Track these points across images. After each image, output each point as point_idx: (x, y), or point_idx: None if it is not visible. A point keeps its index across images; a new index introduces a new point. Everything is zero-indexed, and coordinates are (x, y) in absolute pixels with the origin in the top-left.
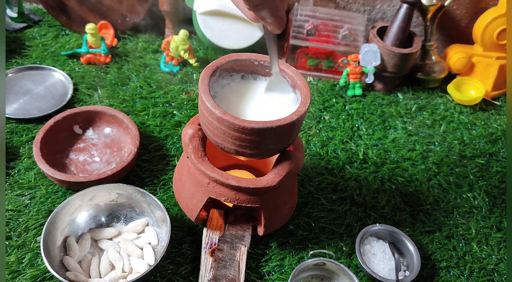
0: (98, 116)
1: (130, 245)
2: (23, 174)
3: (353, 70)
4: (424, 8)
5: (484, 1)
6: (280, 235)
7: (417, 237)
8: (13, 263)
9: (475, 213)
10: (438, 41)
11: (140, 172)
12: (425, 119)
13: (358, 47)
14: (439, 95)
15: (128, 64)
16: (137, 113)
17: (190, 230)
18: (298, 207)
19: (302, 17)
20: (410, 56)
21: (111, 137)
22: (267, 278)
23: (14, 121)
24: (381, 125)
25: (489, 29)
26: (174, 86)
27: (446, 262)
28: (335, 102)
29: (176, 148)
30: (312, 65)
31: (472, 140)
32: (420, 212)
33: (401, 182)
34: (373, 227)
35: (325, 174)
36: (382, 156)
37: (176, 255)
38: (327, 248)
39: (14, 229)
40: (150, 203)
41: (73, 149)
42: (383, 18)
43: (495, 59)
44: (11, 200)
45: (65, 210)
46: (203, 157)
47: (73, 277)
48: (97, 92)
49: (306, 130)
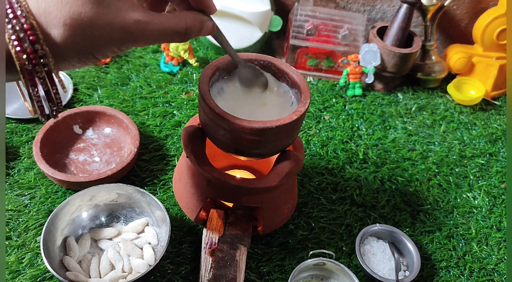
0: (98, 116)
1: (130, 245)
2: (23, 174)
3: (353, 70)
4: (424, 8)
5: (484, 1)
6: (280, 235)
7: (417, 237)
8: (13, 263)
9: (475, 213)
10: (438, 41)
11: (140, 172)
12: (425, 119)
13: (358, 47)
14: (439, 95)
15: (128, 64)
16: (137, 113)
17: (190, 230)
18: (298, 207)
19: (302, 17)
20: (410, 56)
21: (111, 137)
22: (267, 278)
23: (14, 121)
24: (381, 125)
25: (489, 29)
26: (174, 86)
27: (446, 262)
28: (335, 102)
29: (176, 148)
30: (312, 65)
31: (472, 140)
32: (420, 212)
33: (401, 182)
34: (373, 227)
35: (325, 174)
36: (382, 156)
37: (176, 255)
38: (327, 248)
39: (14, 229)
40: (150, 203)
41: (73, 149)
42: (383, 18)
43: (495, 59)
44: (11, 200)
45: (65, 210)
46: (203, 157)
47: (73, 277)
48: (97, 92)
49: (306, 130)
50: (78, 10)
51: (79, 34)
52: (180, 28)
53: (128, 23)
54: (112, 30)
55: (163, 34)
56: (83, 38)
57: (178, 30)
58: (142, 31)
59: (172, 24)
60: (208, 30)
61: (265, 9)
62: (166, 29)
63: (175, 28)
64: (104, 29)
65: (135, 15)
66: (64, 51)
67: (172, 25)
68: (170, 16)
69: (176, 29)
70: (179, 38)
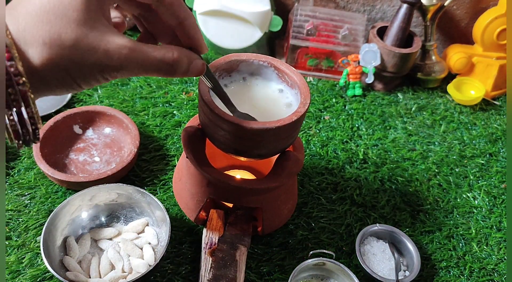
0: (98, 116)
1: (130, 245)
2: (23, 174)
3: (353, 70)
4: (424, 8)
5: (484, 1)
6: (280, 235)
7: (417, 237)
8: (13, 263)
9: (475, 213)
10: (438, 41)
11: (140, 172)
12: (425, 119)
13: (358, 47)
14: (439, 95)
15: None
16: (137, 113)
17: (190, 230)
18: (298, 207)
19: (302, 17)
20: (410, 56)
21: (111, 137)
22: (267, 278)
23: None
24: (381, 125)
25: (489, 29)
26: (174, 86)
27: (446, 262)
28: (335, 102)
29: (176, 148)
30: (312, 65)
31: (472, 140)
32: (420, 212)
33: (401, 182)
34: (373, 227)
35: (325, 174)
36: (382, 156)
37: (176, 255)
38: (327, 248)
39: (14, 229)
40: (150, 203)
41: (73, 149)
42: (383, 18)
43: (495, 59)
44: (11, 200)
45: (65, 210)
46: (203, 157)
47: (73, 277)
48: (97, 92)
49: (306, 130)
50: (59, 31)
51: (59, 55)
52: (167, 59)
53: (112, 48)
54: (95, 53)
55: (149, 64)
56: (63, 60)
57: (165, 62)
58: (126, 58)
59: (159, 55)
60: (197, 68)
61: (265, 9)
62: (151, 59)
63: (162, 59)
64: (87, 52)
65: (120, 40)
66: (42, 73)
67: (159, 55)
68: (157, 47)
69: (163, 60)
70: (165, 71)
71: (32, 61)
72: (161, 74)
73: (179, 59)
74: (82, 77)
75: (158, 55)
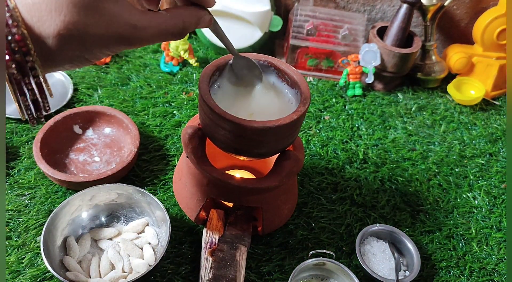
0: (98, 116)
1: (130, 245)
2: (23, 174)
3: (353, 70)
4: (424, 8)
5: (484, 1)
6: (280, 235)
7: (417, 237)
8: (13, 263)
9: (475, 213)
10: (438, 41)
11: (140, 172)
12: (425, 119)
13: (358, 47)
14: (439, 95)
15: (128, 64)
16: (137, 113)
17: (190, 230)
18: (298, 207)
19: (302, 17)
20: (410, 56)
21: (111, 137)
22: (267, 278)
23: (14, 121)
24: (381, 125)
25: (489, 29)
26: (174, 86)
27: (446, 262)
28: (335, 102)
29: (176, 148)
30: (312, 65)
31: (472, 140)
32: (420, 212)
33: (401, 182)
34: (373, 227)
35: (325, 174)
36: (382, 156)
37: (176, 255)
38: (327, 248)
39: (14, 229)
40: (150, 203)
41: (73, 149)
42: (383, 18)
43: (495, 59)
44: (11, 200)
45: (65, 210)
46: (203, 157)
47: (73, 277)
48: (97, 92)
49: (306, 130)
50: (72, 19)
51: (73, 42)
52: (177, 29)
53: (123, 30)
54: (107, 37)
55: (159, 36)
56: (77, 46)
57: (175, 31)
58: (138, 36)
59: (169, 26)
60: (205, 23)
61: (265, 9)
62: (162, 31)
63: (172, 30)
64: (99, 37)
65: (131, 19)
66: (56, 58)
67: (169, 26)
68: (167, 17)
69: (173, 31)
70: (175, 37)
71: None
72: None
73: (188, 24)
74: (93, 55)
75: (168, 27)
